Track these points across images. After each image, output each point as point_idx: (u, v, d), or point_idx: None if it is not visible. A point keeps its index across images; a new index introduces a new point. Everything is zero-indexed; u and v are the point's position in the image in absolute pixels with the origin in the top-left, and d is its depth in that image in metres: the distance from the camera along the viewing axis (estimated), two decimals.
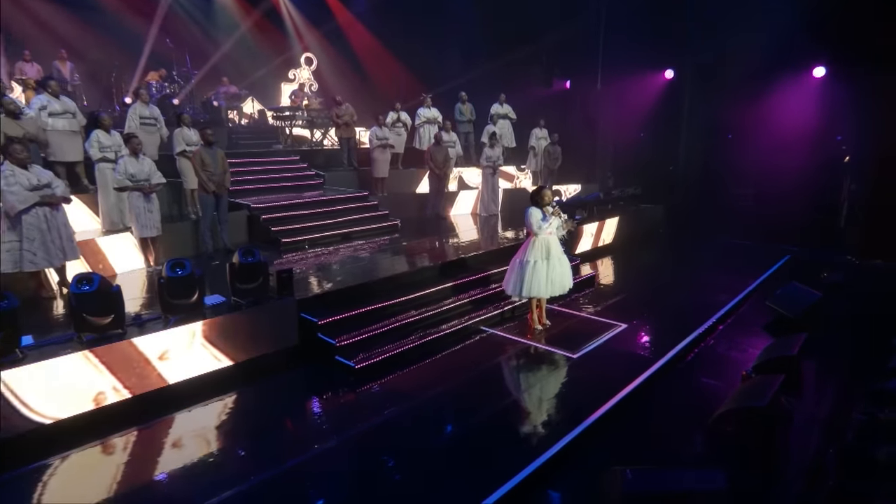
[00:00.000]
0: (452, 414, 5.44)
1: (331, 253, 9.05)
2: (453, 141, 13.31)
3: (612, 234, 12.33)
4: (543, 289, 7.20)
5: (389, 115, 13.50)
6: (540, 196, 7.18)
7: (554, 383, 6.14)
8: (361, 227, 10.53)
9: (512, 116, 15.07)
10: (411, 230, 10.95)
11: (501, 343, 7.14)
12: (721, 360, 6.96)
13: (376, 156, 12.52)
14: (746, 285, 9.68)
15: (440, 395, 5.82)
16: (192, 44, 14.60)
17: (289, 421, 5.43)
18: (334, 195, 11.20)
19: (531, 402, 5.80)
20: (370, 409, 5.55)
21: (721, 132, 14.52)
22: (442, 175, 12.15)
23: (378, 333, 6.77)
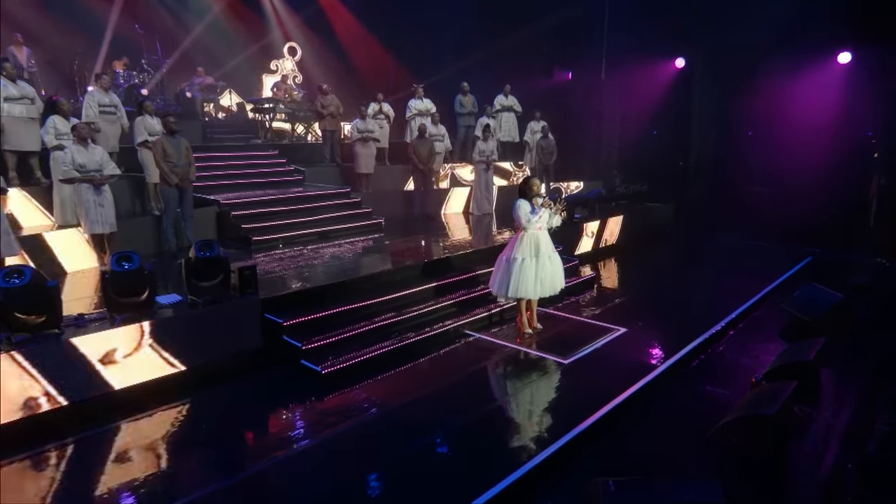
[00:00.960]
0: (428, 422, 5.24)
1: (306, 252, 8.90)
2: (441, 134, 13.19)
3: (615, 234, 12.17)
4: (532, 289, 7.02)
5: (371, 105, 13.38)
6: (528, 187, 7.02)
7: (542, 390, 5.97)
8: (342, 225, 10.42)
9: (517, 109, 14.99)
10: (397, 229, 10.84)
11: (487, 348, 6.97)
12: (730, 368, 6.81)
13: (358, 150, 12.39)
14: (761, 288, 9.54)
15: (416, 402, 5.66)
16: (162, 30, 14.46)
17: (243, 430, 5.24)
18: (313, 191, 11.07)
19: (515, 409, 5.64)
20: (336, 417, 5.36)
21: (735, 125, 14.38)
22: (427, 171, 12.01)
23: (350, 336, 6.60)
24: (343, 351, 6.35)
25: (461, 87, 14.56)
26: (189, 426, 5.32)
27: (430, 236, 10.50)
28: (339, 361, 6.16)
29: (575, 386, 6.03)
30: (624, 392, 5.68)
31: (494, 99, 14.90)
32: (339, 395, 5.79)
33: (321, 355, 6.21)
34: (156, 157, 8.15)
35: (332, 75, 15.38)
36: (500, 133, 14.82)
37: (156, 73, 13.40)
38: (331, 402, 5.69)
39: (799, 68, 13.13)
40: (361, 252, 9.05)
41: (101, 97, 9.29)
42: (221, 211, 9.57)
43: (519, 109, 14.99)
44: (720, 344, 7.46)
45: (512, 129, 14.97)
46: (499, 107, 14.92)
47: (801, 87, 13.18)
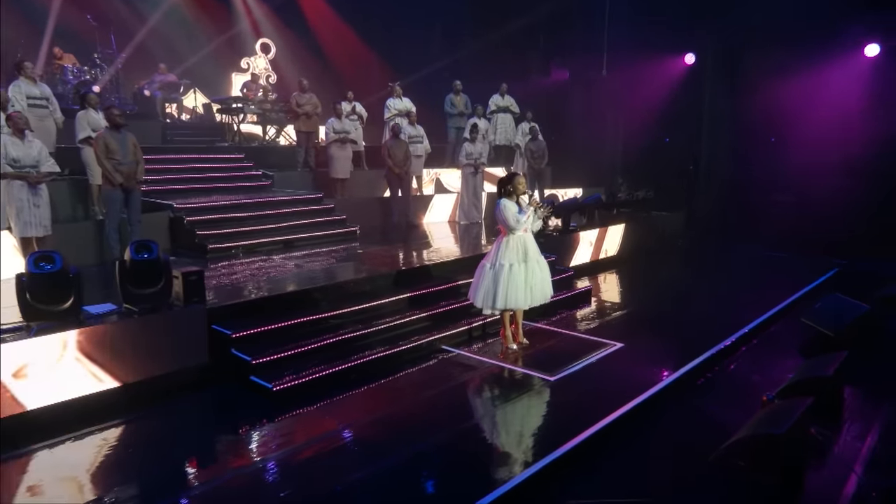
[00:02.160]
0: (391, 446, 5.04)
1: (268, 261, 8.73)
2: (419, 135, 13.09)
3: (616, 244, 12.03)
4: (522, 298, 6.85)
5: (342, 105, 13.23)
6: (513, 184, 6.86)
7: (524, 409, 5.81)
8: (311, 233, 10.30)
9: (514, 110, 14.91)
10: (373, 238, 10.75)
11: (465, 364, 6.81)
12: (740, 386, 6.68)
13: (334, 152, 12.26)
14: (780, 301, 9.42)
15: (379, 423, 5.48)
16: (118, 22, 14.35)
17: (179, 455, 5.01)
18: (280, 197, 10.95)
19: (492, 430, 5.48)
20: (284, 441, 5.16)
21: (752, 126, 14.27)
22: (403, 174, 11.86)
23: (310, 350, 6.39)
24: (300, 367, 6.14)
25: (453, 85, 14.48)
26: (119, 450, 5.09)
27: (409, 245, 10.38)
28: (295, 378, 5.95)
29: (562, 405, 5.87)
30: (616, 411, 5.51)
31: (489, 99, 14.81)
32: (291, 416, 5.59)
33: (274, 371, 5.99)
34: (97, 154, 7.95)
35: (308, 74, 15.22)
36: (496, 136, 14.75)
37: (109, 69, 13.25)
38: (281, 424, 5.49)
39: (821, 62, 13.04)
40: (330, 261, 8.89)
41: (30, 88, 9.07)
42: (175, 216, 9.39)
43: (516, 111, 14.91)
44: (730, 361, 7.33)
45: (509, 131, 14.87)
46: (494, 107, 14.84)
47: (825, 82, 13.08)
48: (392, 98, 13.86)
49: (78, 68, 13.14)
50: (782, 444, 4.63)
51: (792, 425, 4.73)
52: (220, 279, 7.64)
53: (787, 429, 4.67)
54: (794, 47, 13.04)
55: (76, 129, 9.01)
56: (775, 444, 4.63)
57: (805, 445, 5.12)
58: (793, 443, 4.76)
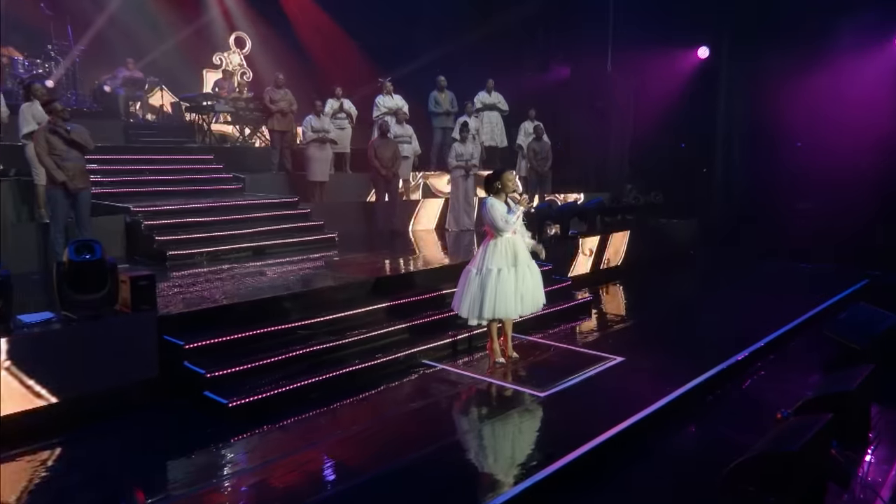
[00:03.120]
0: (359, 468, 4.92)
1: (234, 269, 8.64)
2: (408, 135, 13.06)
3: (621, 253, 11.96)
4: (512, 306, 6.74)
5: (329, 103, 13.22)
6: (501, 181, 6.77)
7: (507, 428, 5.69)
8: (284, 240, 10.24)
9: (503, 108, 14.86)
10: (353, 246, 10.67)
11: (447, 380, 6.70)
12: (754, 404, 6.63)
13: (312, 153, 12.22)
14: (802, 313, 9.35)
15: (347, 443, 5.34)
16: (76, 11, 14.25)
17: (118, 481, 4.84)
18: (250, 201, 10.92)
19: (469, 450, 5.38)
20: (239, 463, 5.02)
21: (772, 127, 14.23)
22: (389, 177, 11.79)
23: (273, 363, 6.24)
24: (262, 381, 5.98)
25: (437, 81, 14.41)
26: (52, 475, 4.93)
27: (391, 253, 10.33)
28: (255, 394, 5.79)
29: (551, 423, 5.81)
30: (610, 430, 5.38)
31: (475, 96, 14.77)
32: (248, 436, 5.43)
33: (232, 386, 5.83)
34: (38, 151, 7.82)
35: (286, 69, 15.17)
36: (483, 136, 14.66)
37: (64, 62, 13.16)
38: (237, 445, 5.34)
39: (850, 56, 13.00)
40: (302, 268, 8.82)
41: None
42: (132, 221, 9.28)
43: (505, 108, 14.88)
44: (744, 377, 7.28)
45: (496, 131, 14.81)
46: (480, 105, 14.79)
47: (854, 79, 13.04)
48: (382, 95, 13.78)
49: (29, 61, 13.05)
50: (797, 463, 4.47)
51: (808, 443, 4.58)
52: (176, 287, 7.51)
53: (801, 447, 4.51)
54: (819, 40, 13.02)
55: (19, 123, 8.91)
56: (789, 465, 4.47)
57: (824, 467, 4.98)
58: (809, 463, 4.61)
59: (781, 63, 13.64)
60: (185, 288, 7.49)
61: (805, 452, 4.52)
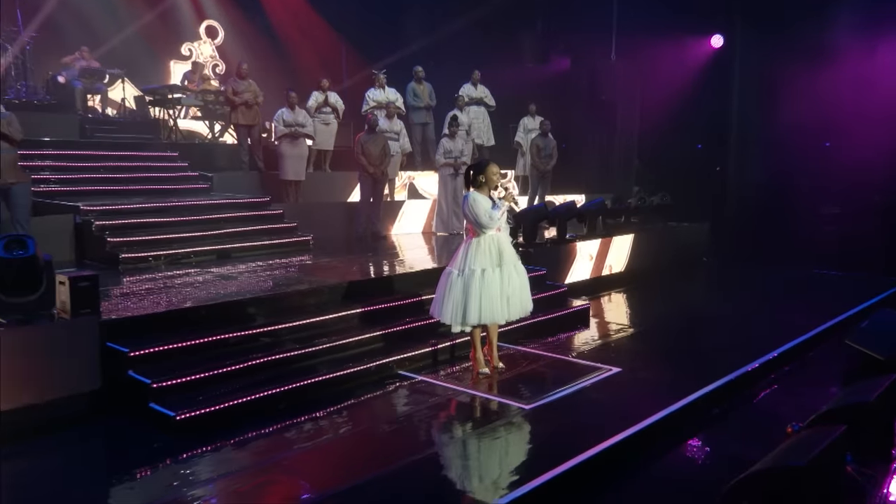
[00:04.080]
0: (319, 487, 4.81)
1: (195, 273, 8.57)
2: (396, 131, 13.02)
3: (624, 258, 11.91)
4: (499, 310, 6.66)
5: (313, 96, 13.20)
6: (484, 174, 6.71)
7: (487, 442, 5.62)
8: (253, 242, 10.22)
9: (489, 103, 14.84)
10: (330, 249, 10.65)
11: (424, 391, 6.62)
12: (764, 418, 6.60)
13: (284, 149, 12.18)
14: (822, 323, 9.35)
15: (309, 461, 5.27)
16: None
17: None
18: (215, 200, 10.92)
19: (443, 465, 5.33)
20: (185, 483, 4.86)
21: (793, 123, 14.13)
22: (378, 175, 11.75)
23: (229, 373, 6.14)
24: (216, 392, 5.88)
25: (414, 72, 14.35)
26: None
27: (372, 257, 10.34)
28: (207, 406, 5.68)
29: (534, 438, 5.78)
30: (599, 444, 5.30)
31: (459, 89, 14.72)
32: (199, 453, 5.30)
33: (181, 397, 5.73)
34: None
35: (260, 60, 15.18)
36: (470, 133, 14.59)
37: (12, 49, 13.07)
38: (185, 463, 5.17)
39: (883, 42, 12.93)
40: (269, 273, 8.74)
41: None
42: (83, 221, 9.21)
43: (492, 104, 14.86)
44: (755, 390, 7.28)
45: (483, 127, 14.78)
46: (466, 99, 14.67)
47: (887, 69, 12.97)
48: (374, 89, 13.71)
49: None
50: (804, 479, 4.36)
51: (817, 457, 4.47)
52: (127, 291, 7.44)
53: (810, 461, 4.40)
54: (847, 24, 12.96)
55: None
56: (796, 481, 4.36)
57: (836, 484, 4.88)
58: (819, 480, 4.50)
59: (804, 53, 13.61)
60: (135, 292, 7.41)
61: (814, 467, 4.41)
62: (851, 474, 5.27)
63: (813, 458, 4.43)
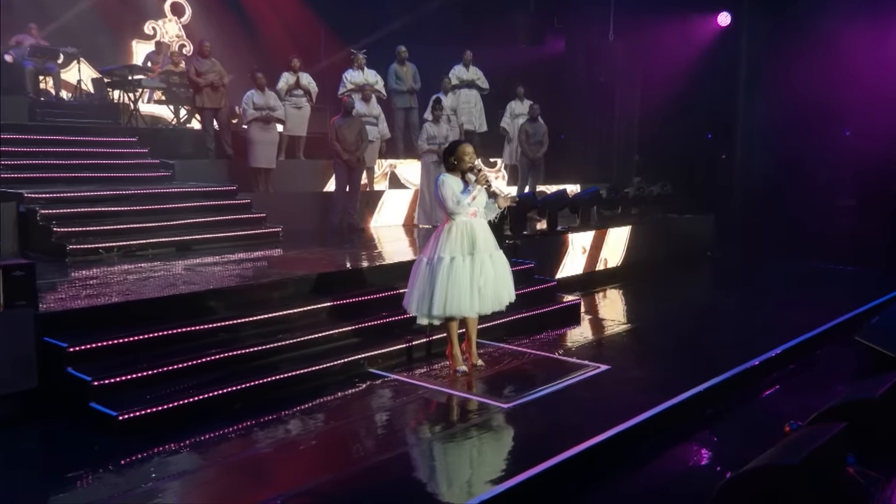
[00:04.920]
0: (276, 491, 4.77)
1: (150, 265, 8.54)
2: (375, 115, 13.00)
3: (620, 252, 11.94)
4: (468, 302, 6.61)
5: (283, 77, 13.15)
6: (456, 155, 6.69)
7: (458, 442, 5.64)
8: (216, 233, 10.19)
9: (482, 86, 14.86)
10: (302, 241, 10.64)
11: (396, 390, 6.62)
12: (763, 419, 6.58)
13: (254, 135, 12.15)
14: (832, 319, 9.43)
15: (264, 465, 5.27)
16: None
17: None
18: (174, 188, 10.92)
19: (408, 468, 5.32)
20: (126, 489, 4.81)
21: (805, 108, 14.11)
22: (354, 162, 11.76)
23: (180, 370, 6.10)
24: (165, 390, 5.84)
25: (397, 52, 14.37)
26: None
27: (346, 249, 10.38)
28: (153, 405, 5.62)
29: (510, 438, 5.86)
30: (577, 446, 5.31)
31: (450, 71, 14.79)
32: (142, 456, 5.23)
33: (126, 396, 5.67)
34: None
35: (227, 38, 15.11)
36: (460, 118, 14.66)
37: None
38: (126, 466, 5.11)
39: None
40: (232, 265, 8.77)
41: None
42: (27, 209, 9.16)
43: (485, 86, 14.91)
44: (757, 389, 7.36)
45: (474, 112, 14.83)
46: (456, 81, 14.76)
47: None
48: (352, 70, 13.69)
49: None
50: (798, 479, 4.33)
51: (812, 456, 4.44)
52: (71, 283, 7.43)
53: (804, 459, 4.38)
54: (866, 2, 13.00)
55: None
56: (788, 480, 4.34)
57: (836, 486, 4.88)
58: (814, 479, 4.47)
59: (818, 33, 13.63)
60: (80, 285, 7.38)
61: (808, 466, 4.39)
62: (854, 476, 5.23)
63: (807, 457, 4.41)
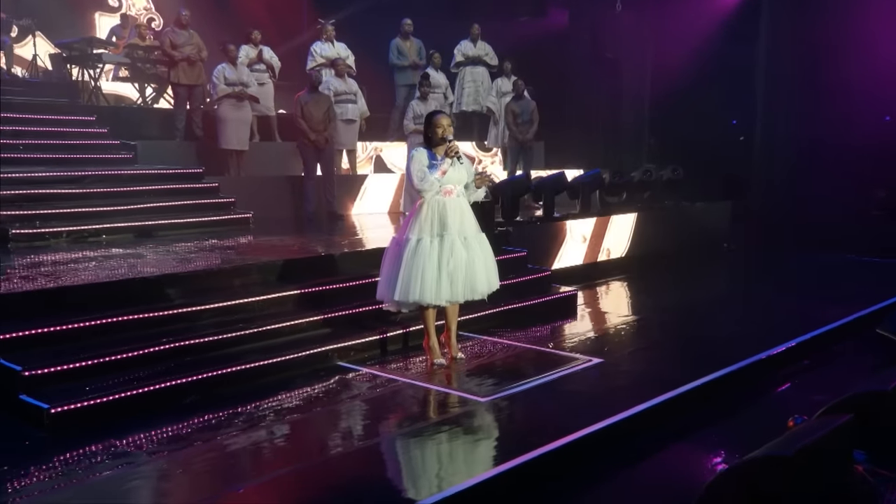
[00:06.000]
0: (213, 489, 4.86)
1: (106, 251, 8.56)
2: (352, 92, 12.99)
3: (623, 242, 11.94)
4: (432, 289, 6.57)
5: (243, 50, 13.09)
6: (430, 127, 6.77)
7: (424, 439, 5.66)
8: (180, 219, 10.28)
9: (490, 62, 14.95)
10: (275, 228, 10.70)
11: (367, 384, 6.66)
12: (773, 414, 6.48)
13: (225, 113, 12.16)
14: (851, 313, 9.44)
15: (213, 463, 5.23)
16: None
17: None
18: (136, 171, 10.97)
19: (371, 462, 5.33)
20: (57, 489, 4.79)
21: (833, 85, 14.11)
22: (322, 143, 11.75)
23: (123, 360, 6.09)
24: (105, 382, 5.85)
25: (402, 26, 14.41)
26: None
27: (322, 236, 10.41)
28: (90, 397, 5.62)
29: (483, 433, 5.87)
30: (558, 440, 5.34)
31: (455, 47, 14.83)
32: (78, 453, 5.20)
33: (61, 388, 5.67)
34: None
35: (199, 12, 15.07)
36: (465, 98, 14.77)
37: None
38: (57, 465, 5.07)
39: None
40: (193, 252, 8.75)
41: None
42: None
43: (494, 63, 14.97)
44: (765, 384, 7.37)
45: (481, 91, 14.89)
46: (461, 58, 14.84)
47: None
48: (320, 42, 13.72)
49: None
50: (790, 471, 4.30)
51: (808, 448, 4.42)
52: (10, 269, 7.42)
53: (798, 451, 4.35)
54: None
55: None
56: (779, 473, 4.30)
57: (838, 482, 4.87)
58: (810, 473, 4.44)
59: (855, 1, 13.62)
60: (18, 271, 7.38)
61: (803, 459, 4.36)
62: (863, 475, 5.21)
63: (802, 449, 4.38)
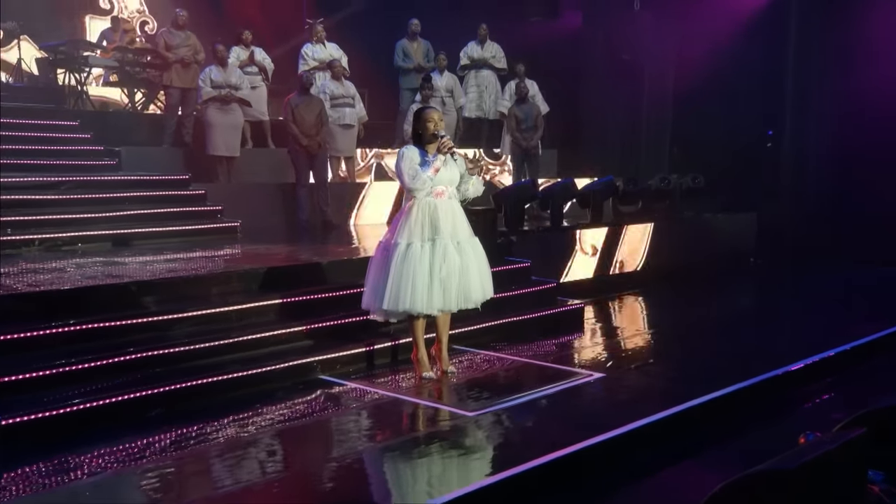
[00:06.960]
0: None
1: (80, 260, 8.59)
2: (350, 96, 13.04)
3: (638, 254, 11.94)
4: (423, 297, 6.54)
5: (234, 52, 13.15)
6: (420, 123, 6.75)
7: (402, 455, 5.64)
8: (163, 227, 10.30)
9: (499, 65, 14.96)
10: (264, 238, 10.68)
11: (348, 397, 6.70)
12: (786, 433, 6.18)
13: (213, 117, 12.19)
14: (887, 327, 9.55)
15: (176, 479, 5.23)
16: None
17: None
18: (117, 177, 11.01)
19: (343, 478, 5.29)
20: None
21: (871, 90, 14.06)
22: (314, 148, 11.78)
23: (83, 370, 6.10)
24: (64, 393, 5.86)
25: (409, 26, 14.50)
26: None
27: (313, 246, 10.55)
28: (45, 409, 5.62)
29: (467, 449, 5.80)
30: (540, 458, 5.29)
31: (461, 50, 14.88)
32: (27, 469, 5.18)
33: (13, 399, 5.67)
34: None
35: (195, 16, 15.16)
36: (469, 103, 14.77)
37: None
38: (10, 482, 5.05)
39: None
40: (172, 261, 8.77)
41: None
42: None
43: (502, 66, 14.98)
44: (780, 403, 7.34)
45: (486, 97, 14.90)
46: (467, 60, 14.89)
47: None
48: (310, 44, 13.81)
49: None
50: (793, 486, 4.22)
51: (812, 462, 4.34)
52: None
53: (801, 465, 4.27)
54: None
55: None
56: (781, 487, 4.22)
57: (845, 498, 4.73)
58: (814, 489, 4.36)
59: None
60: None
61: (806, 474, 4.28)
62: (879, 496, 5.13)
63: (806, 463, 4.30)
